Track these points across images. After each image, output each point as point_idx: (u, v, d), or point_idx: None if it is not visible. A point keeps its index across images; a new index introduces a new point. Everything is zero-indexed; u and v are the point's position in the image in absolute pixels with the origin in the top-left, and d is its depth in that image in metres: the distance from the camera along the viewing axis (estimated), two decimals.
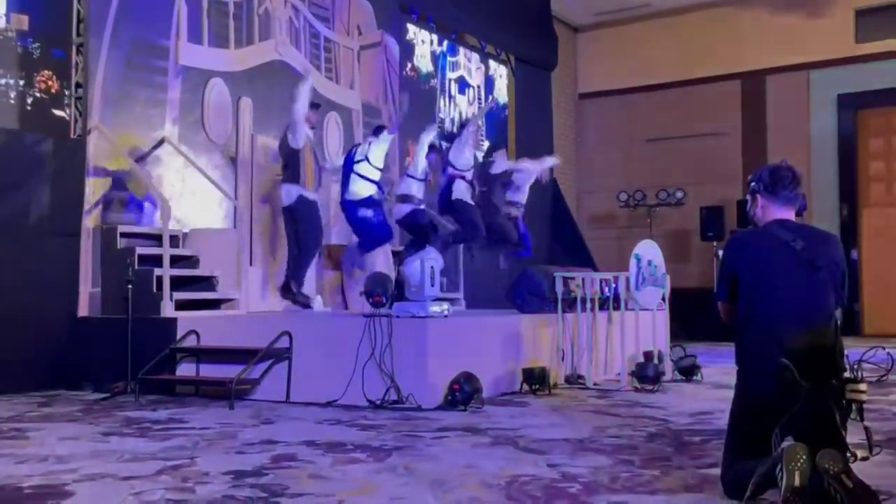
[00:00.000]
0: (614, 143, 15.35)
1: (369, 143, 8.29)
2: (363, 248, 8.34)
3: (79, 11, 7.39)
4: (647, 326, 7.55)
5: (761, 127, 14.21)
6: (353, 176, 8.12)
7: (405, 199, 8.57)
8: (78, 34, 7.38)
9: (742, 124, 14.38)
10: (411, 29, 11.73)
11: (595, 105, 15.69)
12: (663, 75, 14.80)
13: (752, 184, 3.40)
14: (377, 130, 8.52)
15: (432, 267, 6.35)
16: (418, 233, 8.59)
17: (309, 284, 8.20)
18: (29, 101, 7.02)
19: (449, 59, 12.63)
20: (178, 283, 7.24)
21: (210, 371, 6.59)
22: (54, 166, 7.09)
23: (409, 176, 8.76)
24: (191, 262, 7.70)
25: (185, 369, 6.72)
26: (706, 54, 14.47)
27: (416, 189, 8.62)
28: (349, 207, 8.15)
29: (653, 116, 14.92)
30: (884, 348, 7.77)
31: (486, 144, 13.05)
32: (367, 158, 8.12)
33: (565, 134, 15.35)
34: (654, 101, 14.93)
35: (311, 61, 9.77)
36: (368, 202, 8.09)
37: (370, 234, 8.20)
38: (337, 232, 9.42)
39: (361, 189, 8.10)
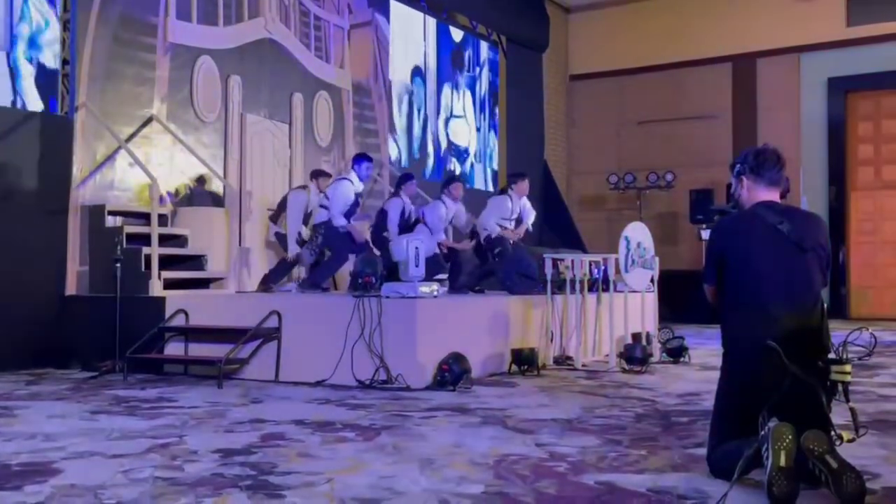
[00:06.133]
0: (605, 125, 15.34)
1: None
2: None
3: None
4: (635, 308, 7.58)
5: (751, 110, 14.22)
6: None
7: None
8: (65, 9, 7.30)
9: (732, 107, 14.39)
10: None
11: (586, 87, 15.65)
12: (655, 57, 14.77)
13: (738, 166, 3.40)
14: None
15: (416, 248, 6.34)
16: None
17: None
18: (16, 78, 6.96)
19: None
20: (166, 262, 7.22)
21: (199, 350, 6.59)
22: (41, 143, 7.03)
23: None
24: (179, 241, 7.67)
25: (173, 348, 6.71)
26: (697, 37, 14.45)
27: None
28: None
29: (644, 99, 14.90)
30: (868, 329, 7.82)
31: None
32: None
33: (556, 115, 15.33)
34: (645, 84, 14.91)
35: (301, 40, 9.71)
36: None
37: None
38: None
39: None
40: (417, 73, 12.02)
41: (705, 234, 12.66)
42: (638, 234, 7.45)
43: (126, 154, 7.46)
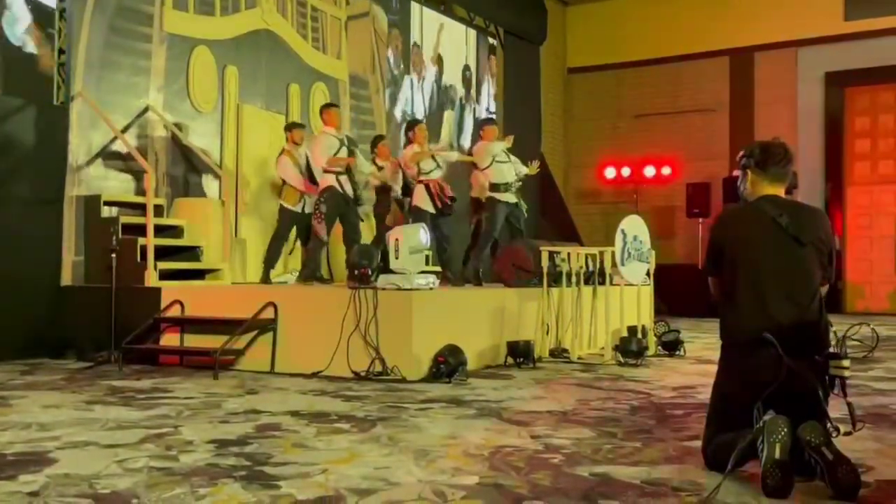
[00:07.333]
0: (602, 118, 15.33)
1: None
2: None
3: None
4: (631, 301, 7.59)
5: (749, 104, 14.22)
6: None
7: None
8: None
9: (730, 101, 14.38)
10: None
11: (584, 79, 15.64)
12: (652, 51, 14.76)
13: (744, 159, 3.39)
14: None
15: (397, 240, 6.32)
16: None
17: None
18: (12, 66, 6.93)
19: None
20: (162, 253, 7.20)
21: (194, 341, 6.58)
22: (37, 133, 7.01)
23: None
24: (175, 231, 7.66)
25: (169, 339, 6.70)
26: (695, 30, 14.43)
27: None
28: None
29: (641, 92, 14.89)
30: (868, 325, 7.83)
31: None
32: None
33: (554, 108, 15.31)
34: (642, 77, 14.90)
35: (298, 30, 9.68)
36: None
37: None
38: None
39: None
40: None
41: None
42: (634, 227, 7.45)
43: (122, 144, 7.44)
